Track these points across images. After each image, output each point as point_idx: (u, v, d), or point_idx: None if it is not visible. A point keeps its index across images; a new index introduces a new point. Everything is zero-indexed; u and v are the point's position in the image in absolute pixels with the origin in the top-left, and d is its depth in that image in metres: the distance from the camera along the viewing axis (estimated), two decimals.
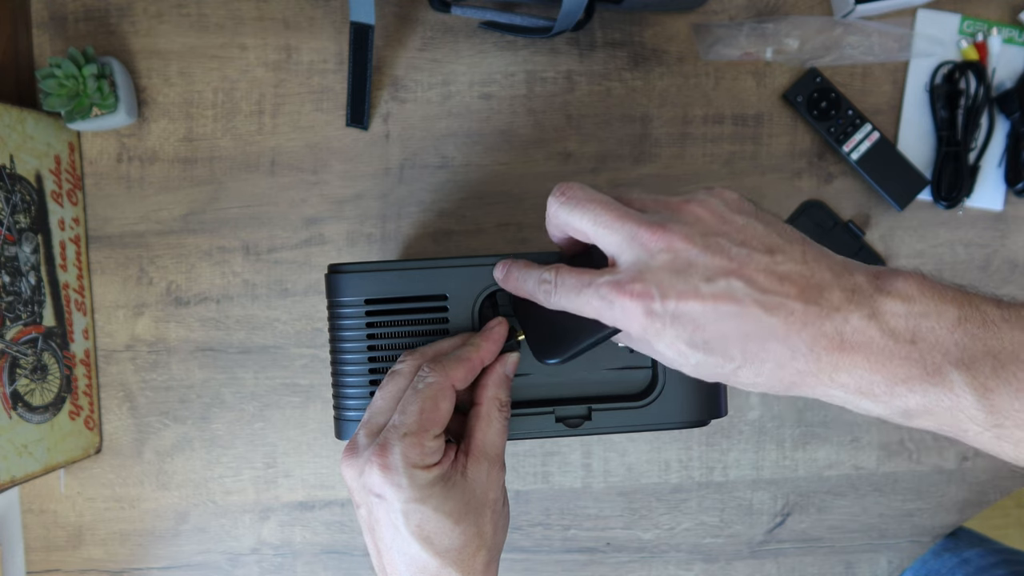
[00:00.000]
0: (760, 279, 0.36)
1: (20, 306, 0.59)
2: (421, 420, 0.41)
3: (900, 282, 0.36)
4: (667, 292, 0.37)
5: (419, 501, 0.40)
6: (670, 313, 0.37)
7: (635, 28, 0.67)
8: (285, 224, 0.67)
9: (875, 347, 0.35)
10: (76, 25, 0.66)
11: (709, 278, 0.36)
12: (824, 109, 0.66)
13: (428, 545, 0.40)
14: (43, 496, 0.67)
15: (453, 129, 0.67)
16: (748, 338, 0.36)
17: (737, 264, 0.37)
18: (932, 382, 0.35)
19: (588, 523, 0.68)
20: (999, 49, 0.66)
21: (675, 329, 0.37)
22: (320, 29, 0.66)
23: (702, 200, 0.39)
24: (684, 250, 0.37)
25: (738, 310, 0.36)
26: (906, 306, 0.35)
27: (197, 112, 0.66)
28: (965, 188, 0.66)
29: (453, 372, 0.43)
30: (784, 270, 0.37)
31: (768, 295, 0.36)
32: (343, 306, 0.47)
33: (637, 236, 0.38)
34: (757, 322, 0.36)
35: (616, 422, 0.47)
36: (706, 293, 0.36)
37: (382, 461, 0.40)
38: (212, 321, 0.67)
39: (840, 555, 0.69)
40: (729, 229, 0.38)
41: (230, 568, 0.68)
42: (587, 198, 0.40)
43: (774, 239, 0.38)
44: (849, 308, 0.36)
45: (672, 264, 0.37)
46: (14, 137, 0.59)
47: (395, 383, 0.44)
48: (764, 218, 0.39)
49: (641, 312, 0.37)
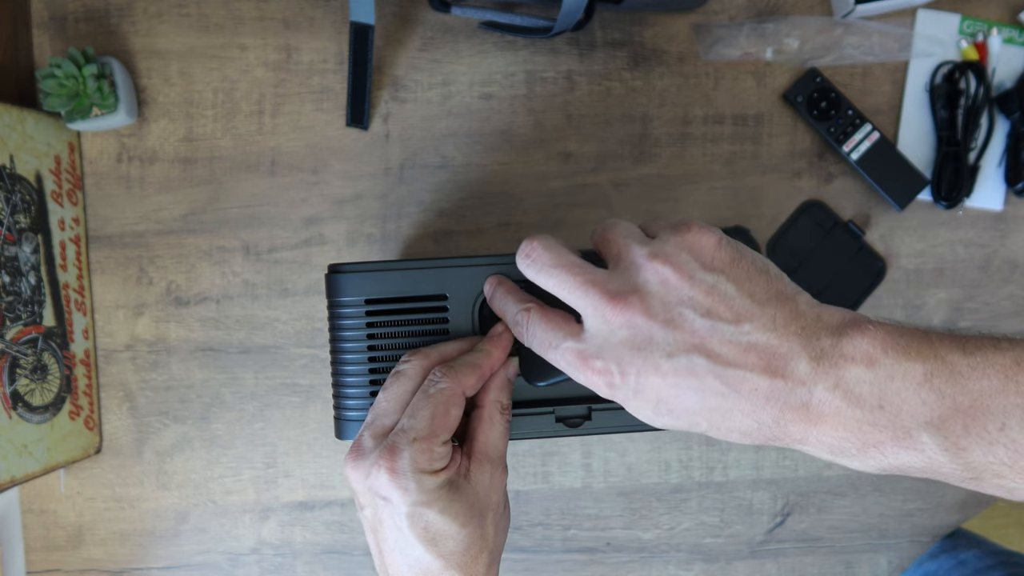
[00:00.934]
0: (724, 352, 0.36)
1: (20, 306, 0.59)
2: (431, 426, 0.41)
3: (866, 342, 0.35)
4: (626, 370, 0.37)
5: (425, 505, 0.40)
6: (631, 388, 0.37)
7: (635, 28, 0.67)
8: (285, 224, 0.67)
9: (843, 416, 0.35)
10: (76, 25, 0.66)
11: (670, 354, 0.36)
12: (824, 109, 0.66)
13: (432, 547, 0.40)
14: (43, 496, 0.67)
15: (453, 129, 0.67)
16: (712, 411, 0.36)
17: (699, 338, 0.36)
18: (903, 445, 0.35)
19: (588, 523, 0.68)
20: (999, 49, 0.66)
21: (638, 401, 0.38)
22: (320, 29, 0.66)
23: (669, 255, 0.38)
24: (644, 326, 0.37)
25: (699, 384, 0.36)
26: (871, 371, 0.35)
27: (197, 112, 0.66)
28: (965, 188, 0.66)
29: (465, 379, 0.43)
30: (749, 341, 0.36)
31: (731, 369, 0.36)
32: (343, 306, 0.47)
33: (599, 309, 0.38)
34: (720, 397, 0.36)
35: (616, 422, 0.47)
36: (666, 369, 0.36)
37: (390, 465, 0.40)
38: (212, 321, 0.67)
39: (840, 555, 0.69)
40: (695, 294, 0.37)
41: (230, 568, 0.68)
42: (551, 263, 0.40)
43: (743, 304, 0.37)
44: (814, 380, 0.35)
45: (632, 340, 0.37)
46: (14, 137, 0.59)
47: (400, 384, 0.43)
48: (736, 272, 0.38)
49: (603, 385, 0.38)
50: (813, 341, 0.36)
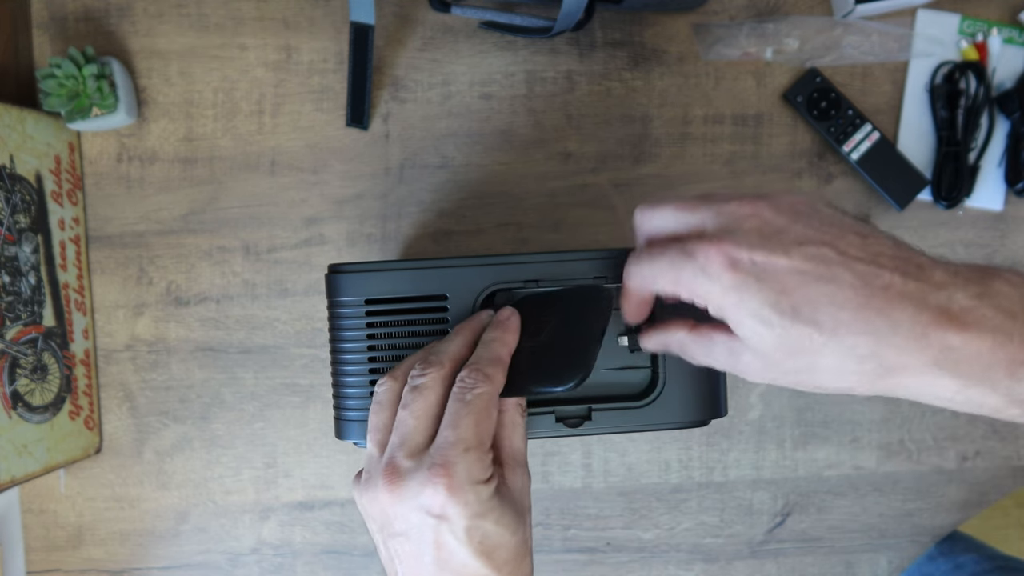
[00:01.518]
0: (853, 251, 0.34)
1: (20, 306, 0.59)
2: (478, 433, 0.39)
3: (1003, 272, 0.34)
4: (755, 246, 0.35)
5: (482, 516, 0.38)
6: (757, 268, 0.34)
7: (635, 28, 0.67)
8: (285, 224, 0.67)
9: (991, 325, 0.32)
10: (76, 25, 0.66)
11: (800, 242, 0.35)
12: (824, 109, 0.66)
13: (488, 560, 0.39)
14: (43, 496, 0.67)
15: (453, 129, 0.67)
16: (841, 306, 0.33)
17: (829, 237, 0.35)
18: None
19: (588, 523, 0.68)
20: (999, 49, 0.66)
21: (760, 289, 0.34)
22: (320, 29, 0.66)
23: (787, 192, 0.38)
24: (773, 218, 0.35)
25: (830, 274, 0.34)
26: (1016, 289, 0.33)
27: (197, 112, 0.66)
28: (965, 188, 0.66)
29: (496, 378, 0.41)
30: (877, 249, 0.35)
31: (862, 264, 0.34)
32: (343, 306, 0.47)
33: (723, 208, 0.36)
34: (852, 289, 0.33)
35: (616, 422, 0.47)
36: (796, 254, 0.34)
37: (448, 481, 0.37)
38: (212, 321, 0.67)
39: (840, 555, 0.69)
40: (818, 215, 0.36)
41: (230, 568, 0.68)
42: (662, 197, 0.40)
43: (861, 227, 0.36)
44: (954, 285, 0.33)
45: (762, 229, 0.35)
46: (14, 137, 0.59)
47: (424, 398, 0.41)
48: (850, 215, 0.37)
49: (725, 264, 0.35)
50: (943, 264, 0.35)
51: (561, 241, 0.67)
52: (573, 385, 0.39)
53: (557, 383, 0.40)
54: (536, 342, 0.43)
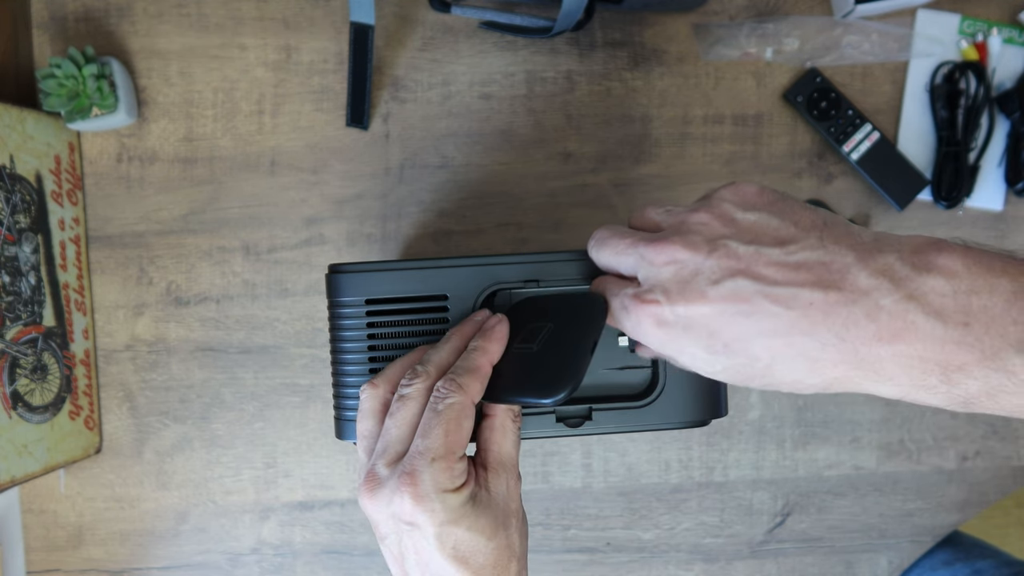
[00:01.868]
0: (768, 273, 0.35)
1: (20, 306, 0.59)
2: (447, 443, 0.40)
3: (943, 257, 0.32)
4: (674, 299, 0.36)
5: (452, 524, 0.39)
6: (681, 320, 0.36)
7: (635, 28, 0.67)
8: (285, 224, 0.67)
9: (921, 332, 0.32)
10: (76, 25, 0.66)
11: (715, 281, 0.36)
12: (824, 109, 0.66)
13: (464, 566, 0.40)
14: (43, 496, 0.67)
15: (453, 129, 0.67)
16: (768, 335, 0.34)
17: (743, 263, 0.35)
18: (992, 367, 0.31)
19: (588, 523, 0.68)
20: (999, 49, 0.66)
21: (690, 337, 0.36)
22: (320, 29, 0.66)
23: (712, 205, 0.39)
24: (687, 259, 0.37)
25: (749, 308, 0.35)
26: (951, 283, 0.32)
27: (197, 112, 0.66)
28: (965, 188, 0.66)
29: (471, 388, 0.41)
30: (797, 259, 0.35)
31: (778, 287, 0.34)
32: (343, 306, 0.47)
33: (644, 255, 0.38)
34: (774, 317, 0.34)
35: (616, 422, 0.47)
36: (713, 296, 0.35)
37: (413, 490, 0.39)
38: (212, 321, 0.67)
39: (840, 555, 0.69)
40: (737, 229, 0.37)
41: (230, 568, 0.68)
42: (606, 236, 0.42)
43: (787, 230, 0.36)
44: (880, 291, 0.33)
45: (678, 274, 0.37)
46: (14, 137, 0.59)
47: (408, 408, 0.42)
48: (780, 207, 0.37)
49: (653, 321, 0.37)
50: (874, 255, 0.34)
51: (561, 241, 0.67)
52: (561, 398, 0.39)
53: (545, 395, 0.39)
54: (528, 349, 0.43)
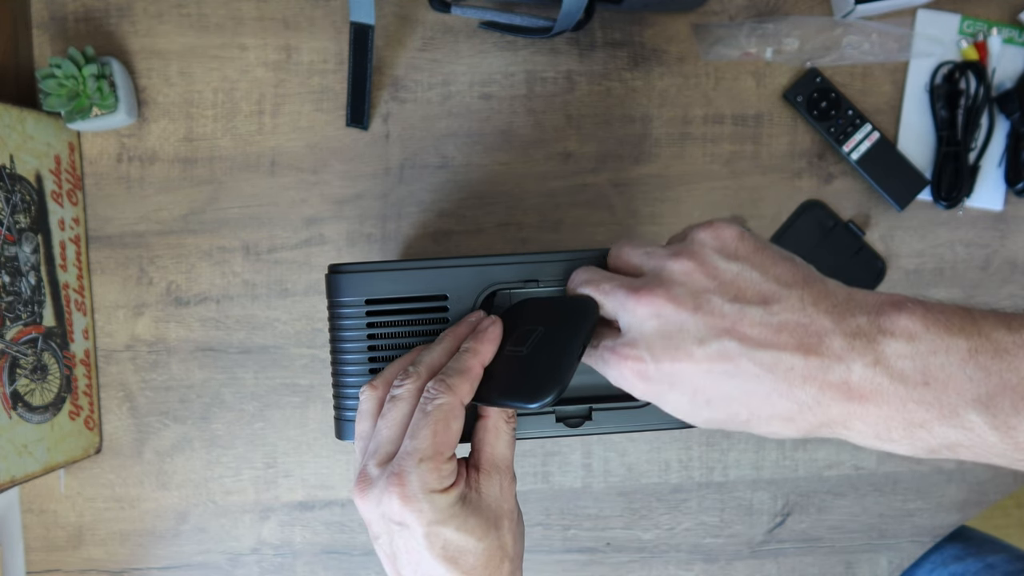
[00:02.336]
0: (755, 334, 0.36)
1: (20, 306, 0.59)
2: (435, 444, 0.40)
3: (904, 319, 0.34)
4: (659, 357, 0.37)
5: (441, 524, 0.39)
6: (666, 377, 0.37)
7: (635, 28, 0.67)
8: (285, 224, 0.67)
9: (886, 394, 0.34)
10: (76, 25, 0.66)
11: (701, 340, 0.36)
12: (824, 109, 0.66)
13: (454, 566, 0.40)
14: (43, 496, 0.67)
15: (453, 129, 0.67)
16: (751, 395, 0.36)
17: (729, 323, 0.36)
18: (951, 423, 0.33)
19: (588, 523, 0.68)
20: (999, 49, 0.66)
21: (675, 393, 0.37)
22: (320, 29, 0.66)
23: (693, 251, 0.39)
24: (672, 314, 0.37)
25: (734, 369, 0.36)
26: (911, 346, 0.34)
27: (197, 112, 0.66)
28: (965, 188, 0.66)
29: (460, 389, 0.41)
30: (779, 321, 0.36)
31: (763, 351, 0.35)
32: (343, 306, 0.47)
33: (626, 305, 0.38)
34: (757, 380, 0.35)
35: (616, 422, 0.47)
36: (699, 356, 0.36)
37: (401, 491, 0.39)
38: (212, 321, 0.67)
39: (840, 555, 0.69)
40: (720, 283, 0.37)
41: (230, 568, 0.68)
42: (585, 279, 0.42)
43: (769, 287, 0.37)
44: (852, 356, 0.34)
45: (662, 329, 0.37)
46: (14, 137, 0.59)
47: (399, 409, 0.42)
48: (760, 259, 0.38)
49: (636, 377, 0.38)
50: (847, 318, 0.35)
51: (561, 241, 0.67)
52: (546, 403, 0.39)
53: (530, 399, 0.39)
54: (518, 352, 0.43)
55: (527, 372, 0.41)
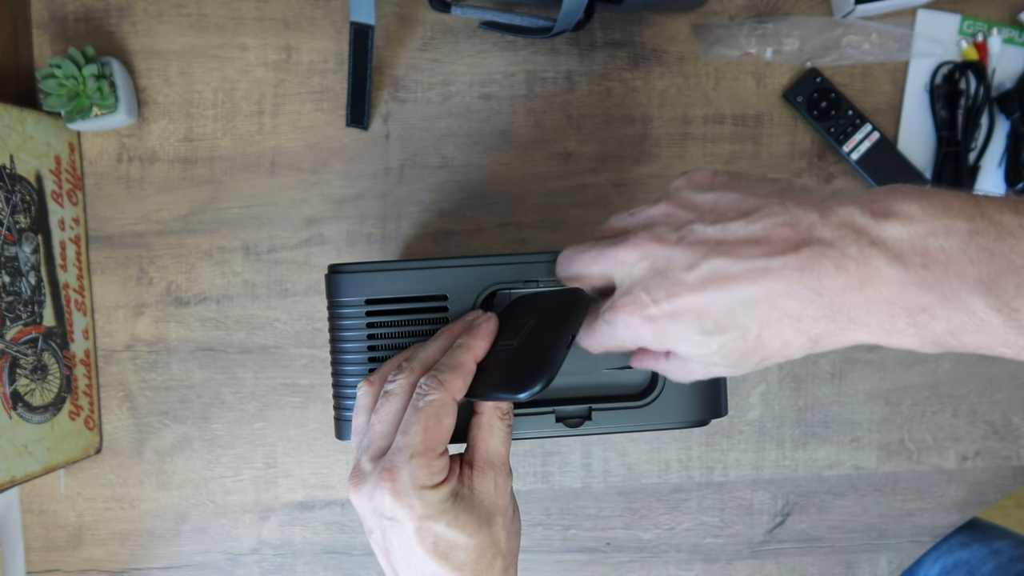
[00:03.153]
0: (738, 248, 0.35)
1: (20, 306, 0.59)
2: (426, 440, 0.40)
3: (899, 202, 0.33)
4: (656, 295, 0.37)
5: (431, 519, 0.40)
6: (667, 312, 0.37)
7: (635, 28, 0.67)
8: (285, 224, 0.67)
9: (885, 278, 0.33)
10: (76, 25, 0.66)
11: (691, 265, 0.36)
12: (824, 109, 0.66)
13: (445, 561, 0.40)
14: (43, 496, 0.67)
15: (453, 129, 0.67)
16: (751, 304, 0.35)
17: (713, 243, 0.36)
18: (953, 307, 0.32)
19: (588, 523, 0.68)
20: (999, 49, 0.66)
21: (680, 325, 0.37)
22: (320, 29, 0.66)
23: (670, 196, 0.40)
24: (659, 250, 0.37)
25: (729, 283, 0.35)
26: (908, 228, 0.33)
27: (197, 112, 0.66)
28: (965, 188, 0.66)
29: (452, 385, 0.41)
30: (763, 227, 0.35)
31: (752, 259, 0.35)
32: (343, 306, 0.47)
33: (613, 257, 0.39)
34: (755, 286, 0.35)
35: (616, 422, 0.47)
36: (693, 282, 0.36)
37: (392, 486, 0.39)
38: (212, 321, 0.67)
39: (840, 555, 0.69)
40: (699, 213, 0.38)
41: (230, 568, 0.68)
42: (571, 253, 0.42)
43: (748, 201, 0.37)
44: (844, 241, 0.33)
45: (652, 268, 0.37)
46: (14, 137, 0.59)
47: (391, 404, 0.42)
48: (737, 184, 0.38)
49: (640, 321, 0.37)
50: (835, 209, 0.35)
51: (561, 241, 0.67)
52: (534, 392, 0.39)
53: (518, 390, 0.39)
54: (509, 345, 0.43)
55: (516, 364, 0.41)
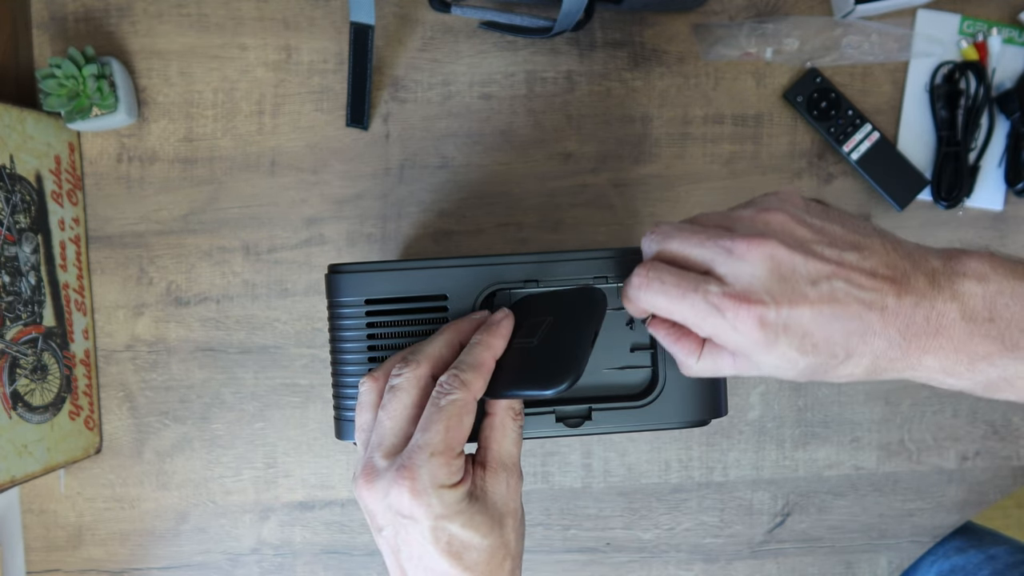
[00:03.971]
0: (856, 277, 0.38)
1: (20, 306, 0.59)
2: (447, 439, 0.40)
3: (973, 262, 0.38)
4: (779, 300, 0.37)
5: (447, 519, 0.40)
6: (782, 321, 0.37)
7: (635, 28, 0.67)
8: (285, 224, 0.67)
9: (957, 329, 0.37)
10: (76, 25, 0.66)
11: (814, 281, 0.38)
12: (824, 109, 0.66)
13: (457, 561, 0.40)
14: (43, 496, 0.67)
15: (453, 129, 0.67)
16: (851, 335, 0.38)
17: (834, 265, 0.38)
18: (1012, 356, 0.37)
19: (588, 523, 0.68)
20: (999, 49, 0.66)
21: (787, 338, 0.38)
22: (320, 29, 0.66)
23: (777, 207, 0.40)
24: (786, 256, 0.38)
25: (842, 311, 0.37)
26: (982, 286, 0.38)
27: (197, 112, 0.66)
28: (965, 188, 0.66)
29: (474, 385, 0.41)
30: (872, 264, 0.38)
31: (866, 292, 0.37)
32: (343, 306, 0.47)
33: (735, 250, 0.38)
34: (860, 319, 0.37)
35: (616, 422, 0.47)
36: (813, 296, 0.37)
37: (411, 484, 0.39)
38: (212, 321, 0.67)
39: (840, 555, 0.69)
40: (814, 232, 0.39)
41: (230, 568, 0.68)
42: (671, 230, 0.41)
43: (853, 236, 0.39)
44: (933, 294, 0.38)
45: (777, 272, 0.38)
46: (14, 137, 0.59)
47: (398, 399, 0.42)
48: (833, 214, 0.41)
49: (756, 323, 0.38)
50: (922, 262, 0.39)
51: (561, 241, 0.67)
52: (563, 388, 0.39)
53: (546, 386, 0.39)
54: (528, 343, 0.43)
55: (540, 361, 0.41)
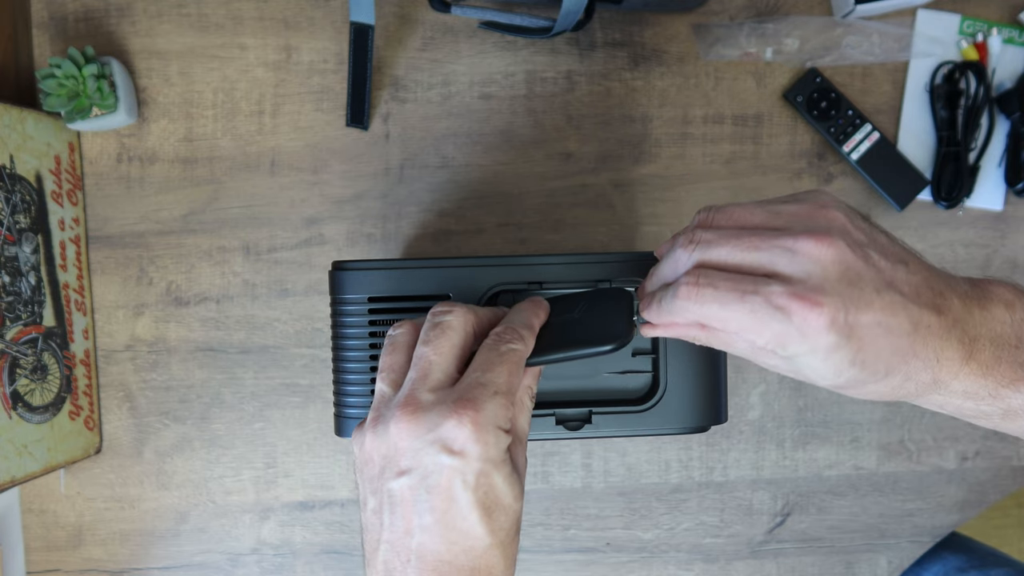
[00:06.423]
0: (907, 290, 0.36)
1: (20, 306, 0.59)
2: (509, 382, 0.39)
3: (1000, 289, 0.38)
4: (848, 305, 0.35)
5: (495, 466, 0.38)
6: (850, 326, 0.35)
7: (635, 28, 0.67)
8: (285, 224, 0.67)
9: (987, 354, 0.37)
10: (76, 25, 0.66)
11: (877, 289, 0.36)
12: (824, 109, 0.66)
13: (487, 518, 0.38)
14: (43, 496, 0.67)
15: (453, 129, 0.67)
16: (895, 353, 0.36)
17: (889, 276, 0.36)
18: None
19: (588, 523, 0.68)
20: (999, 49, 0.66)
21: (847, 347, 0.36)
22: (320, 29, 0.66)
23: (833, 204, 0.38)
24: (853, 261, 0.36)
25: (896, 323, 0.36)
26: (1009, 313, 0.37)
27: (197, 112, 0.66)
28: (965, 188, 0.66)
29: (528, 341, 0.41)
30: (918, 280, 0.37)
31: (913, 307, 0.36)
32: (346, 303, 0.47)
33: (803, 248, 0.36)
34: (906, 336, 0.36)
35: (616, 426, 0.47)
36: (878, 306, 0.36)
37: (475, 416, 0.37)
38: (212, 321, 0.67)
39: (840, 555, 0.69)
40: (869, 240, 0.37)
41: (230, 568, 0.68)
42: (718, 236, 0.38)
43: (899, 250, 0.38)
44: (967, 317, 0.37)
45: (846, 275, 0.35)
46: (14, 137, 0.59)
47: (448, 338, 0.40)
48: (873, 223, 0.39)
49: (827, 325, 0.35)
50: (954, 284, 0.38)
51: (561, 241, 0.67)
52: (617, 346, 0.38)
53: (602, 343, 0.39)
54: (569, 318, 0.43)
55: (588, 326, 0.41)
